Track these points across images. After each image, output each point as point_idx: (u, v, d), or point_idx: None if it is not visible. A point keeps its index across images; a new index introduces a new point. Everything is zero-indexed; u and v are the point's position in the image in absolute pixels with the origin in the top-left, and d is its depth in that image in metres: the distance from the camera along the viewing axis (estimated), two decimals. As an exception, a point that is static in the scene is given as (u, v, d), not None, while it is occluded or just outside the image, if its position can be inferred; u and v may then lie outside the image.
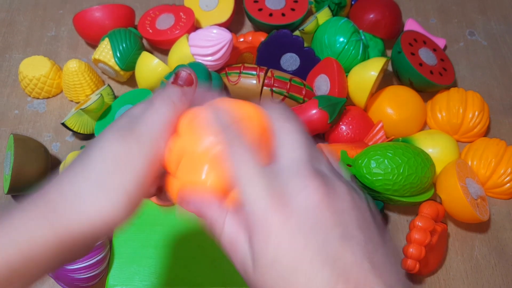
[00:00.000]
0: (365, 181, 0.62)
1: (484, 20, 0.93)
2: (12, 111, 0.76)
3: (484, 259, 0.66)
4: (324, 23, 0.78)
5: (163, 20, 0.80)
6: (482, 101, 0.74)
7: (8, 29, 0.86)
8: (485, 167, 0.69)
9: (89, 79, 0.73)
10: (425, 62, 0.76)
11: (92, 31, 0.78)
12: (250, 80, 0.73)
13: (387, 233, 0.31)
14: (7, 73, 0.81)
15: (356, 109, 0.73)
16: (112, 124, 0.33)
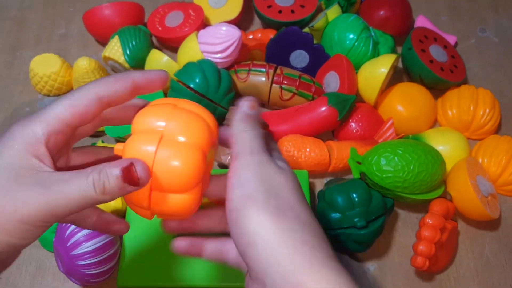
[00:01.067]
0: (375, 179, 0.62)
1: (495, 17, 0.92)
2: (23, 108, 0.77)
3: (494, 257, 0.65)
4: (334, 19, 0.77)
5: (172, 18, 0.80)
6: (493, 98, 0.74)
7: (19, 27, 0.87)
8: (496, 164, 0.68)
9: (99, 76, 0.74)
10: (435, 59, 0.75)
11: (102, 29, 0.79)
12: (259, 77, 0.73)
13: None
14: (18, 70, 0.81)
15: (366, 106, 0.73)
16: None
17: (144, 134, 0.32)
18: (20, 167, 0.30)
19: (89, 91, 0.32)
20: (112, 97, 0.33)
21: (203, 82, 0.66)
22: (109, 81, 0.33)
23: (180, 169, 0.31)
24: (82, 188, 0.30)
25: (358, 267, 0.64)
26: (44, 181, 0.30)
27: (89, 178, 0.30)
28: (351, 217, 0.58)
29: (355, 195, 0.59)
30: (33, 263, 0.63)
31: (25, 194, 0.29)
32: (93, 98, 0.32)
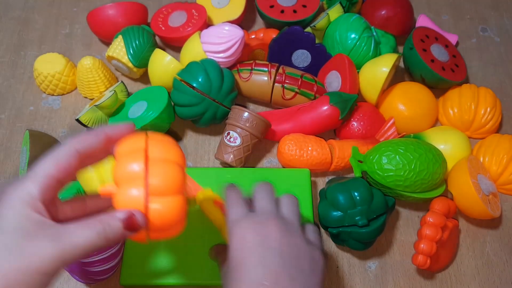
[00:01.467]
0: (376, 177, 0.62)
1: (496, 16, 0.92)
2: (27, 107, 0.77)
3: (495, 255, 0.66)
4: (336, 19, 0.78)
5: (175, 18, 0.81)
6: (494, 97, 0.74)
7: (23, 27, 0.88)
8: (497, 163, 0.68)
9: (103, 76, 0.74)
10: (437, 58, 0.75)
11: (106, 29, 0.79)
12: (262, 76, 0.73)
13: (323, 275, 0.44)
14: (22, 70, 0.82)
15: (367, 105, 0.73)
16: None
17: (129, 183, 0.37)
18: (26, 225, 0.33)
19: (69, 147, 0.37)
20: (88, 149, 0.38)
21: (206, 82, 0.67)
22: (85, 136, 0.38)
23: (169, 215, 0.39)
24: (89, 238, 0.34)
25: (360, 265, 0.64)
26: (52, 234, 0.34)
27: (95, 229, 0.35)
28: (352, 216, 0.59)
29: (356, 194, 0.59)
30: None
31: (37, 248, 0.33)
32: (73, 152, 0.37)
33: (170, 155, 0.40)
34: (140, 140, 0.40)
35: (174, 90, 0.69)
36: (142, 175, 0.38)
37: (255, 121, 0.67)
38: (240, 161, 0.68)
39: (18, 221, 0.33)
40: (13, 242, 0.33)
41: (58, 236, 0.34)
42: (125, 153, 0.39)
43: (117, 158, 0.39)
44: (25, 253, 0.32)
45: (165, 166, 0.39)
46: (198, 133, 0.76)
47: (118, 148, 0.40)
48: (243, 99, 0.79)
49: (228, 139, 0.68)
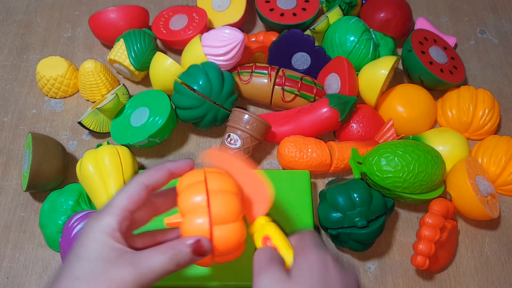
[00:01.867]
0: (375, 179, 0.63)
1: (495, 18, 0.93)
2: (30, 110, 0.78)
3: (494, 256, 0.66)
4: (335, 22, 0.78)
5: (176, 21, 0.81)
6: (492, 99, 0.75)
7: (25, 30, 0.89)
8: (495, 164, 0.69)
9: (105, 79, 0.75)
10: (435, 60, 0.76)
11: (107, 32, 0.80)
12: (262, 79, 0.74)
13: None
14: (25, 73, 0.83)
15: (366, 107, 0.74)
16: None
17: (194, 213, 0.42)
18: (108, 253, 0.38)
19: (138, 183, 0.42)
20: (154, 183, 0.43)
21: (206, 84, 0.67)
22: (151, 172, 0.43)
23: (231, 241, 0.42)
24: (163, 263, 0.39)
25: (359, 266, 0.65)
26: (131, 260, 0.38)
27: (168, 254, 0.39)
28: (352, 217, 0.59)
29: (356, 195, 0.60)
30: (39, 263, 0.65)
31: (120, 272, 0.37)
32: (142, 187, 0.42)
33: (227, 186, 0.44)
34: (199, 174, 0.44)
35: (175, 93, 0.69)
36: (205, 205, 0.42)
37: (255, 123, 0.67)
38: (241, 163, 0.68)
39: (101, 250, 0.38)
40: (98, 268, 0.37)
41: (136, 261, 0.38)
42: (188, 187, 0.43)
43: (181, 192, 0.43)
44: (108, 277, 0.36)
45: (224, 197, 0.43)
46: (199, 136, 0.76)
47: (181, 182, 0.44)
48: (244, 102, 0.79)
49: (229, 141, 0.68)
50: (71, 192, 0.65)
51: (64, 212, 0.63)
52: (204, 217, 0.41)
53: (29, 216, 0.68)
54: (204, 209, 0.42)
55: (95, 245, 0.38)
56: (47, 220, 0.63)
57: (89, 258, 0.37)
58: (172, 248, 0.40)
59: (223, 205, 0.42)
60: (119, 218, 0.40)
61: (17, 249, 0.66)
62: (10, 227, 0.67)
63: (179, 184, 0.44)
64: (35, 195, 0.70)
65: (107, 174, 0.63)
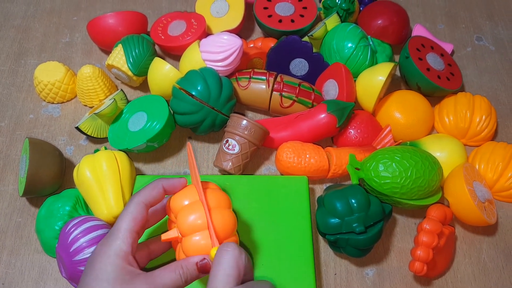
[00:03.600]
0: (373, 184, 0.63)
1: (491, 25, 0.94)
2: (27, 115, 0.78)
3: (492, 262, 0.66)
4: (333, 29, 0.79)
5: (175, 27, 0.82)
6: (489, 105, 0.75)
7: (23, 35, 0.89)
8: (493, 170, 0.69)
9: (103, 84, 0.75)
10: (432, 67, 0.76)
11: (106, 37, 0.80)
12: (260, 85, 0.74)
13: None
14: (22, 78, 0.83)
15: (364, 113, 0.74)
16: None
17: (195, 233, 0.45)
18: (123, 275, 0.42)
19: (138, 203, 0.46)
20: (151, 200, 0.47)
21: (205, 90, 0.67)
22: (147, 190, 0.47)
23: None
24: (174, 280, 0.43)
25: (357, 272, 0.65)
26: (145, 280, 0.42)
27: (178, 272, 0.44)
28: (350, 223, 0.59)
29: (353, 201, 0.60)
30: (35, 269, 0.64)
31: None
32: (142, 206, 0.46)
33: (222, 202, 0.48)
34: (194, 192, 0.48)
35: (173, 98, 0.69)
36: (205, 225, 0.45)
37: (254, 128, 0.67)
38: (239, 168, 0.68)
39: (117, 272, 0.42)
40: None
41: (150, 281, 0.42)
42: (187, 207, 0.46)
43: (180, 211, 0.46)
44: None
45: (222, 214, 0.47)
46: (197, 141, 0.76)
47: (176, 200, 0.47)
48: (242, 107, 0.80)
49: (227, 147, 0.68)
50: (68, 197, 0.65)
51: (61, 218, 0.63)
52: (206, 238, 0.45)
53: (26, 221, 0.68)
54: (205, 228, 0.45)
55: (111, 268, 0.42)
56: (44, 225, 0.63)
57: (108, 280, 0.41)
58: (181, 267, 0.44)
59: (222, 223, 0.46)
60: (129, 240, 0.44)
61: (13, 254, 0.65)
62: (6, 232, 0.67)
63: (174, 202, 0.47)
64: (32, 201, 0.70)
65: (104, 180, 0.63)
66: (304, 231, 0.62)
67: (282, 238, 0.61)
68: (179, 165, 0.73)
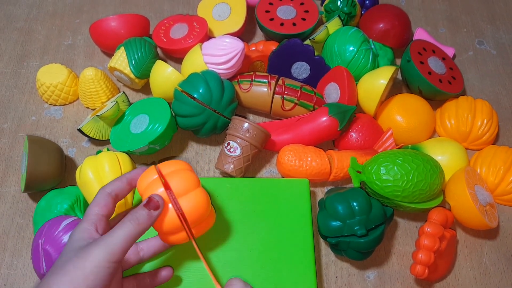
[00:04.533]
0: (374, 188, 0.63)
1: (493, 29, 0.94)
2: (29, 117, 0.78)
3: (493, 265, 0.66)
4: (334, 32, 0.79)
5: (177, 30, 0.82)
6: (491, 109, 0.75)
7: (26, 37, 0.89)
8: (494, 174, 0.69)
9: (105, 86, 0.75)
10: (434, 70, 0.77)
11: (108, 40, 0.80)
12: (262, 88, 0.74)
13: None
14: (25, 80, 0.83)
15: (365, 117, 0.74)
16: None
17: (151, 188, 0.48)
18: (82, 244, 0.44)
19: (101, 192, 0.49)
20: (116, 190, 0.50)
21: (206, 92, 0.68)
22: (111, 182, 0.51)
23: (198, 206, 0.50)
24: (125, 229, 0.44)
25: (358, 275, 0.65)
26: (100, 240, 0.44)
27: (128, 221, 0.45)
28: (351, 226, 0.59)
29: (355, 204, 0.60)
30: (38, 270, 0.64)
31: (91, 252, 0.43)
32: (105, 193, 0.49)
33: (178, 166, 0.51)
34: (151, 169, 0.51)
35: (175, 101, 0.69)
36: (160, 183, 0.48)
37: (255, 131, 0.67)
38: (240, 171, 0.68)
39: (76, 244, 0.45)
40: (73, 255, 0.43)
41: (103, 238, 0.44)
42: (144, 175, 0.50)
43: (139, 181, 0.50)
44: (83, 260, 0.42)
45: (179, 173, 0.50)
46: (198, 143, 0.76)
47: (139, 180, 0.50)
48: (243, 110, 0.80)
49: (228, 149, 0.68)
50: (69, 195, 0.65)
51: (57, 214, 0.63)
52: (159, 187, 0.48)
53: (28, 223, 0.68)
54: (159, 182, 0.48)
55: (71, 244, 0.45)
56: (40, 217, 0.64)
57: (66, 253, 0.44)
58: (129, 215, 0.46)
59: (179, 178, 0.49)
60: (92, 221, 0.47)
61: (15, 256, 0.65)
62: (8, 234, 0.67)
63: (138, 183, 0.50)
64: (34, 201, 0.70)
65: (106, 181, 0.63)
66: (305, 233, 0.62)
67: (284, 241, 0.61)
68: (181, 168, 0.73)
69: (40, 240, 0.58)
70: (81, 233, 0.46)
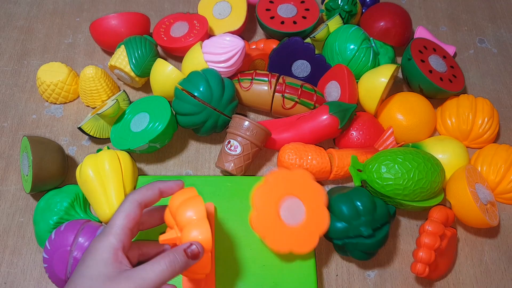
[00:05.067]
0: (375, 186, 0.63)
1: (494, 28, 0.94)
2: (30, 115, 0.78)
3: (493, 264, 0.66)
4: (335, 30, 0.79)
5: (177, 28, 0.82)
6: (491, 108, 0.75)
7: (26, 36, 0.89)
8: (495, 173, 0.69)
9: (105, 85, 0.75)
10: (435, 69, 0.76)
11: (108, 39, 0.80)
12: (262, 86, 0.74)
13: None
14: (25, 78, 0.83)
15: (366, 115, 0.74)
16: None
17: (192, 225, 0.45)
18: (109, 271, 0.41)
19: (132, 201, 0.46)
20: (146, 201, 0.47)
21: (207, 91, 0.68)
22: (143, 190, 0.47)
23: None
24: (160, 271, 0.42)
25: (359, 274, 0.65)
26: (130, 274, 0.41)
27: (163, 262, 0.42)
28: (357, 226, 0.59)
29: (359, 204, 0.59)
30: (37, 268, 0.64)
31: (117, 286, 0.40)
32: (136, 204, 0.46)
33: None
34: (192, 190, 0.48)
35: (176, 99, 0.69)
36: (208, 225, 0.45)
37: (256, 130, 0.67)
38: (241, 169, 0.68)
39: (102, 268, 0.41)
40: (99, 285, 0.40)
41: (134, 275, 0.41)
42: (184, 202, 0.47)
43: (178, 208, 0.46)
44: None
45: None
46: (199, 142, 0.76)
47: (174, 199, 0.48)
48: (244, 108, 0.80)
49: (229, 148, 0.68)
50: (68, 193, 0.65)
51: (57, 213, 0.63)
52: (205, 233, 0.44)
53: (28, 221, 0.68)
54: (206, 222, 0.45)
55: (97, 264, 0.42)
56: (40, 217, 0.64)
57: (92, 277, 0.41)
58: (167, 256, 0.43)
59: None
60: (120, 237, 0.43)
61: (15, 254, 0.65)
62: (9, 232, 0.67)
63: (172, 202, 0.48)
64: (34, 200, 0.70)
65: (107, 179, 0.63)
66: None
67: (284, 239, 0.61)
68: (181, 166, 0.73)
69: (70, 248, 0.58)
70: (107, 252, 0.43)
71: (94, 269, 0.41)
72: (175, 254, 0.43)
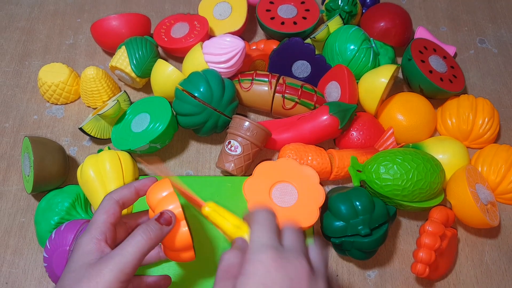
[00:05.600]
0: (374, 187, 0.63)
1: (494, 28, 0.94)
2: (31, 116, 0.78)
3: (494, 264, 0.66)
4: (335, 31, 0.79)
5: (178, 29, 0.82)
6: (492, 108, 0.75)
7: (27, 37, 0.89)
8: (495, 173, 0.69)
9: (106, 85, 0.76)
10: (435, 69, 0.76)
11: (109, 39, 0.80)
12: (262, 86, 0.74)
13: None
14: (26, 79, 0.83)
15: (366, 115, 0.74)
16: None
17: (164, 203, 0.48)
18: (91, 259, 0.43)
19: (109, 199, 0.48)
20: (124, 198, 0.49)
21: (207, 91, 0.68)
22: (119, 189, 0.50)
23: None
24: (136, 244, 0.43)
25: (359, 274, 0.65)
26: (109, 256, 0.43)
27: (137, 234, 0.44)
28: (355, 225, 0.59)
29: (358, 203, 0.59)
30: (38, 268, 0.64)
31: (101, 270, 0.42)
32: (113, 201, 0.48)
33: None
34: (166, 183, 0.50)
35: (176, 100, 0.70)
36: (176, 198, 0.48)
37: (256, 130, 0.68)
38: (241, 169, 0.68)
39: (84, 258, 0.43)
40: (81, 274, 0.42)
41: (112, 254, 0.43)
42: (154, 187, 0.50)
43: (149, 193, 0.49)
44: (91, 278, 0.41)
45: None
46: (199, 142, 0.76)
47: (149, 192, 0.50)
48: (244, 109, 0.80)
49: (229, 148, 0.68)
50: (69, 193, 0.66)
51: (58, 213, 0.63)
52: (175, 203, 0.47)
53: (29, 221, 0.68)
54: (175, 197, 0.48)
55: (81, 256, 0.44)
56: (41, 218, 0.64)
57: (75, 269, 0.43)
58: (140, 228, 0.45)
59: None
60: (101, 229, 0.45)
61: (17, 254, 0.65)
62: (10, 232, 0.67)
63: (148, 194, 0.50)
64: (35, 201, 0.70)
65: (107, 179, 0.63)
66: (306, 232, 0.62)
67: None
68: (182, 166, 0.74)
69: (69, 247, 0.58)
70: (90, 244, 0.44)
71: (78, 262, 0.43)
72: (148, 224, 0.45)
